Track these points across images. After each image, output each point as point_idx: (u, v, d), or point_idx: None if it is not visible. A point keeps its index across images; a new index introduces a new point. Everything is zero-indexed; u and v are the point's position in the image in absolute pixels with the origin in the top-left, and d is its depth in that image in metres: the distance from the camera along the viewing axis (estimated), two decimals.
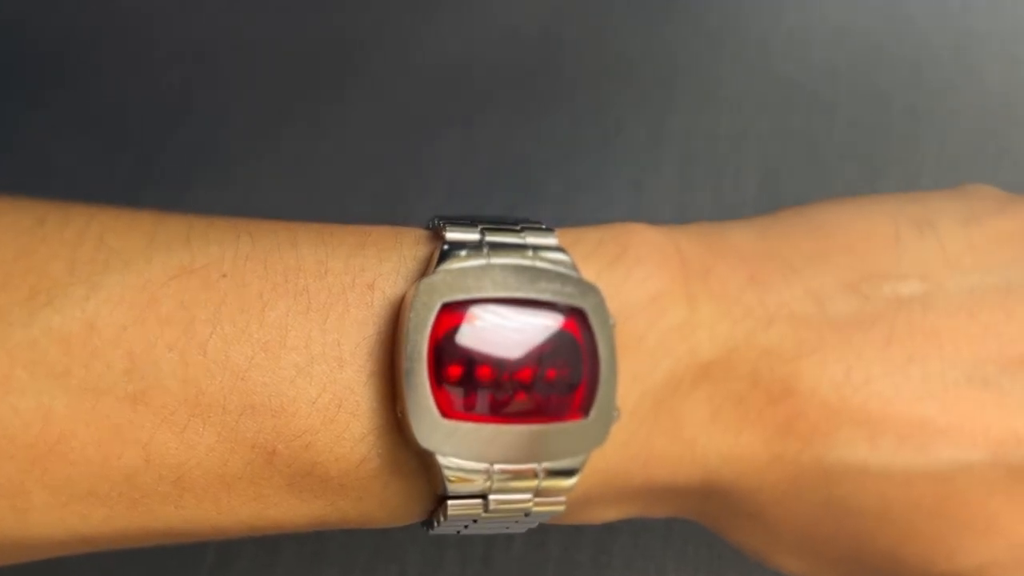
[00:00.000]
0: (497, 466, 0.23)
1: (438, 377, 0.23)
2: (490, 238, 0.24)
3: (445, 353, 0.23)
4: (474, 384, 0.23)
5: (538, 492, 0.24)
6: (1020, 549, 0.26)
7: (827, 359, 0.26)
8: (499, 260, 0.24)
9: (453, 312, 0.23)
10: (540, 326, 0.24)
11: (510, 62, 0.46)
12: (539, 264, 0.24)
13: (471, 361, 0.23)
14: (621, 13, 0.47)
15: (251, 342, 0.23)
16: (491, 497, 0.24)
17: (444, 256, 0.23)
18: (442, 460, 0.23)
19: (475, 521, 0.24)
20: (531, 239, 0.25)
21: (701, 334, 0.26)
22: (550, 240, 0.25)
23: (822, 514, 0.27)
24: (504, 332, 0.23)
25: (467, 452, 0.23)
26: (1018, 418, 0.26)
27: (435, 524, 0.24)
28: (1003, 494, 0.26)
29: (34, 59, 0.47)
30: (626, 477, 0.26)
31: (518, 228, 0.25)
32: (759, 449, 0.26)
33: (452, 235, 0.24)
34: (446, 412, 0.23)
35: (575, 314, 0.24)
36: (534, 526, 0.26)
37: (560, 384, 0.24)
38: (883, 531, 0.27)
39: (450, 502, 0.23)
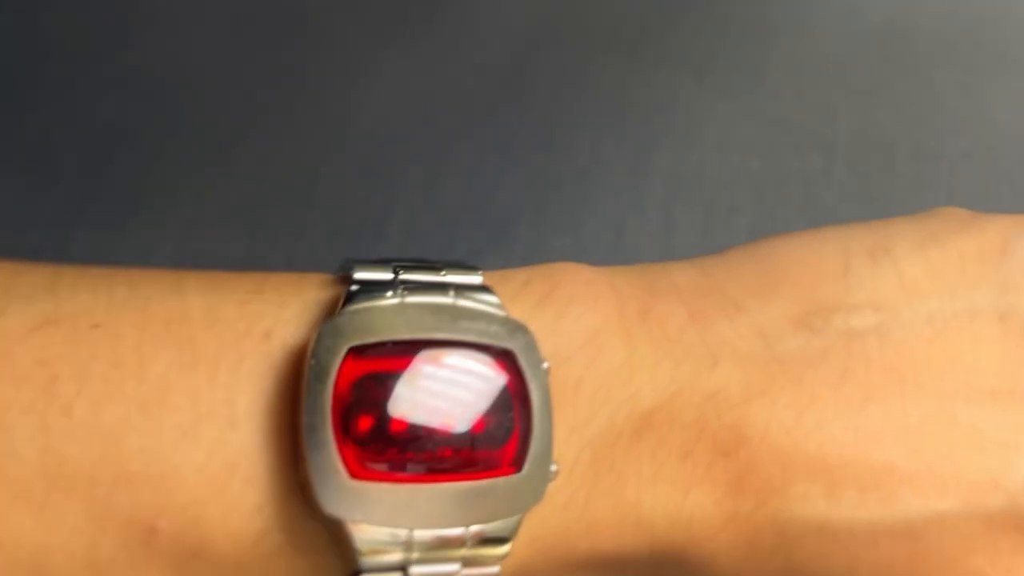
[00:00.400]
0: (418, 533, 0.21)
1: (345, 431, 0.20)
2: (405, 276, 0.22)
3: (353, 404, 0.20)
4: (387, 438, 0.21)
5: (467, 562, 0.21)
6: None
7: (777, 401, 0.24)
8: (414, 299, 0.22)
9: (361, 358, 0.21)
10: (463, 370, 0.21)
11: (477, 96, 0.45)
12: (460, 303, 0.22)
13: (383, 412, 0.21)
14: (600, 43, 0.46)
15: (126, 401, 0.20)
16: (412, 570, 0.21)
17: (351, 297, 0.21)
18: (353, 529, 0.20)
19: None
20: (452, 277, 0.23)
21: (641, 377, 0.24)
22: (474, 279, 0.23)
23: None
24: (422, 378, 0.21)
25: (381, 518, 0.20)
26: (994, 459, 0.24)
27: None
28: (984, 550, 0.24)
29: None
30: (567, 545, 0.23)
31: (439, 267, 0.23)
32: (710, 509, 0.24)
33: (361, 275, 0.22)
34: (355, 472, 0.20)
35: (503, 356, 0.22)
36: None
37: (488, 435, 0.21)
38: None
39: None
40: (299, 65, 0.47)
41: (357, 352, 0.21)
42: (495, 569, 0.22)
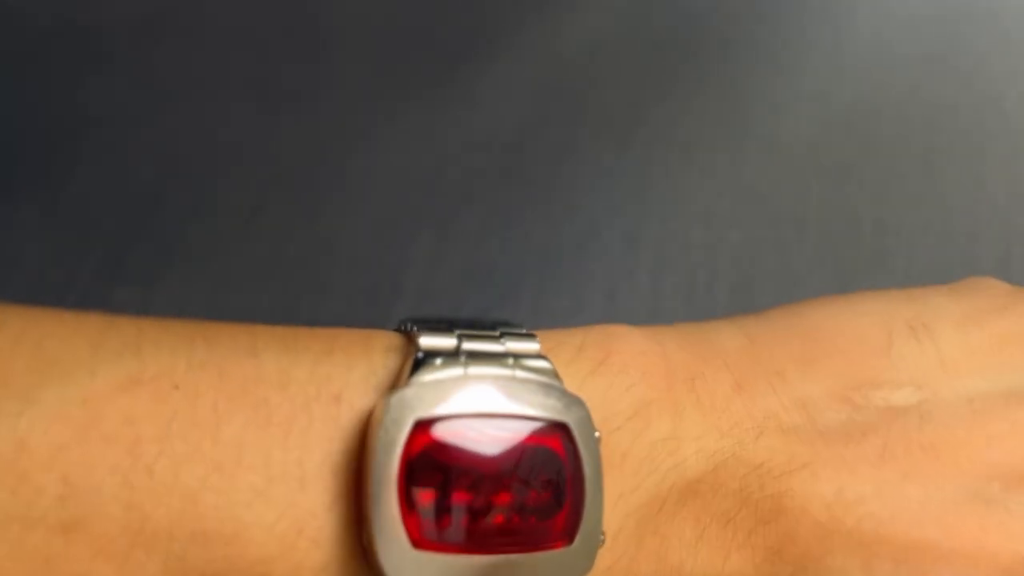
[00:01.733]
0: None
1: (409, 502, 0.21)
2: (467, 346, 0.22)
3: (417, 476, 0.21)
4: (449, 510, 0.21)
5: None
6: None
7: (818, 475, 0.24)
8: (477, 370, 0.22)
9: (426, 430, 0.21)
10: (521, 444, 0.22)
11: (483, 169, 0.46)
12: (519, 374, 0.22)
13: (445, 484, 0.21)
14: (596, 124, 0.48)
15: (204, 461, 0.20)
16: None
17: (417, 365, 0.22)
18: None
19: None
20: (511, 345, 0.23)
21: (688, 448, 0.24)
22: (531, 346, 0.23)
23: None
24: (483, 451, 0.21)
25: None
26: (1022, 541, 0.24)
27: None
28: None
29: (4, 151, 0.47)
30: None
31: (497, 334, 0.23)
32: (749, 573, 0.24)
33: (426, 341, 0.22)
34: (417, 542, 0.21)
35: (558, 429, 0.22)
36: None
37: (542, 508, 0.22)
38: None
39: None
40: (320, 136, 0.48)
41: (423, 424, 0.21)
42: None
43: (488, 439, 0.21)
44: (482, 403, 0.21)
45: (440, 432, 0.21)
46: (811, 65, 0.49)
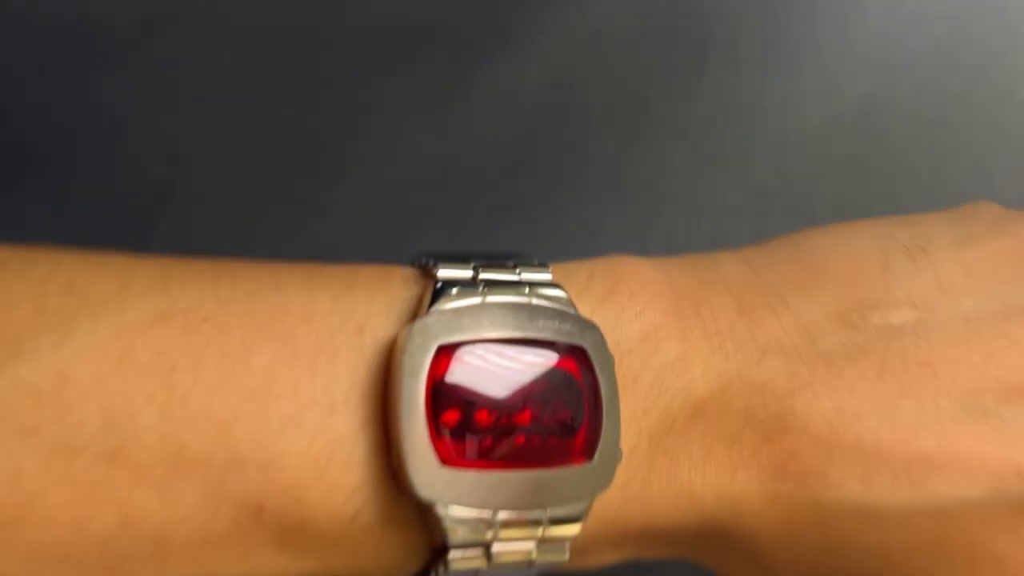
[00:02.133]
0: (500, 514, 0.22)
1: (435, 423, 0.22)
2: (484, 275, 0.23)
3: (442, 398, 0.22)
4: (473, 429, 0.22)
5: (542, 540, 0.23)
6: None
7: (819, 394, 0.25)
8: (495, 298, 0.23)
9: (448, 354, 0.22)
10: (540, 366, 0.23)
11: (493, 163, 0.46)
12: (535, 301, 0.23)
13: (470, 405, 0.22)
14: (605, 118, 0.48)
15: (236, 391, 0.21)
16: (494, 547, 0.22)
17: (437, 295, 0.23)
18: (442, 510, 0.22)
19: (476, 573, 0.23)
20: (525, 275, 0.24)
21: (695, 370, 0.25)
22: (545, 276, 0.24)
23: (820, 558, 0.26)
24: (503, 374, 0.22)
25: (469, 501, 0.22)
26: (1017, 449, 0.25)
27: None
28: (1009, 534, 0.24)
29: (14, 149, 0.48)
30: (625, 521, 0.25)
31: (512, 264, 0.24)
32: (754, 490, 0.25)
33: (444, 272, 0.23)
34: (445, 460, 0.22)
35: (575, 352, 0.23)
36: None
37: (562, 426, 0.23)
38: (883, 575, 0.25)
39: (451, 554, 0.22)
40: (328, 133, 0.48)
41: (445, 349, 0.22)
42: (565, 546, 0.23)
43: (508, 362, 0.22)
44: (501, 328, 0.22)
45: (462, 356, 0.22)
46: (820, 61, 0.48)
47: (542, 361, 0.23)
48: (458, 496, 0.22)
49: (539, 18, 0.50)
